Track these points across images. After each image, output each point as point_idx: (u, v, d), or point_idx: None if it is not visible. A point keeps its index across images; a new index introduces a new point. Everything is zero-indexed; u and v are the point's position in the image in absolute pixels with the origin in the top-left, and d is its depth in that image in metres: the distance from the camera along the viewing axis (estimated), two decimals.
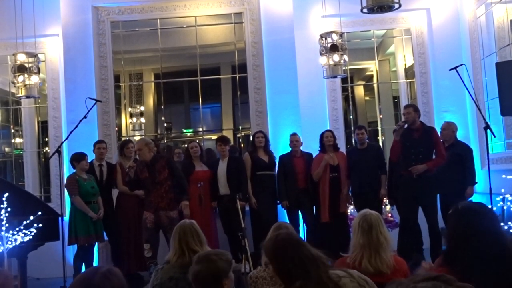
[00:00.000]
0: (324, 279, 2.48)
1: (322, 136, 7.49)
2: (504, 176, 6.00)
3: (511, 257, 2.35)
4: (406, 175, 6.61)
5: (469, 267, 2.31)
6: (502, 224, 2.70)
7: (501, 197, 6.07)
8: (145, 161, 6.65)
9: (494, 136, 6.78)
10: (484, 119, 6.72)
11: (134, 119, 10.38)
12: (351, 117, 9.23)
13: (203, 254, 2.95)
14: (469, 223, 2.43)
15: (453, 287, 1.00)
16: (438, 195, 6.89)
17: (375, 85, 9.60)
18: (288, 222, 6.94)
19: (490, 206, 2.60)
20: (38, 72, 7.69)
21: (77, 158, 6.96)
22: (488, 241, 2.35)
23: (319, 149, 7.49)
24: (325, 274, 2.50)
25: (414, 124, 6.64)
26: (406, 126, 6.66)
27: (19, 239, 5.81)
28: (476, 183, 7.18)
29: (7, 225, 5.59)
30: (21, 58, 7.57)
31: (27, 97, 7.76)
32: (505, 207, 5.99)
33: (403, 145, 6.56)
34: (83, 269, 6.62)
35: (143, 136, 8.80)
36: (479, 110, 6.88)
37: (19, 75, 7.49)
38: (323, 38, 7.68)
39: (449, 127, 7.30)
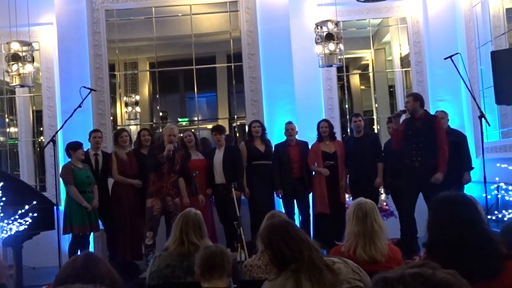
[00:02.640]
0: (317, 262, 2.52)
1: (318, 125, 7.51)
2: (498, 164, 6.02)
3: (492, 244, 2.37)
4: (410, 164, 6.61)
5: (451, 257, 2.33)
6: (484, 212, 2.71)
7: (495, 185, 6.09)
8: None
9: (489, 125, 6.79)
10: (479, 108, 6.73)
11: (130, 108, 10.35)
12: (347, 106, 9.24)
13: (207, 244, 3.27)
14: (448, 213, 2.45)
15: (439, 271, 1.03)
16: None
17: (371, 74, 9.60)
18: (283, 211, 6.97)
19: (470, 196, 2.61)
20: (32, 61, 7.65)
21: (73, 147, 6.94)
22: (466, 229, 2.37)
23: (317, 137, 7.51)
24: (318, 258, 2.54)
25: (416, 113, 6.61)
26: (406, 114, 6.63)
27: (14, 228, 5.80)
28: (472, 168, 7.20)
29: (2, 214, 5.58)
30: (15, 46, 7.52)
31: (22, 86, 7.72)
32: (499, 196, 6.02)
33: (406, 134, 6.55)
34: None
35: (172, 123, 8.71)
36: (474, 99, 6.88)
37: (13, 64, 7.45)
38: (319, 27, 7.67)
39: (446, 116, 7.32)
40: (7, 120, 9.09)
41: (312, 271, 2.50)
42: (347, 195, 7.49)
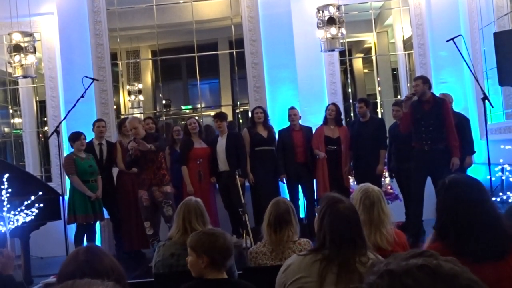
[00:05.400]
0: (353, 263, 2.50)
1: (326, 108, 7.51)
2: (502, 146, 6.00)
3: (501, 226, 2.38)
4: (418, 147, 6.59)
5: (461, 239, 2.34)
6: (490, 194, 2.72)
7: (499, 167, 6.08)
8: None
9: (492, 107, 6.77)
10: (482, 89, 6.70)
11: (133, 97, 10.35)
12: (350, 90, 9.20)
13: (209, 230, 3.07)
14: (457, 195, 2.45)
15: (442, 261, 1.01)
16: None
17: (374, 58, 9.55)
18: (287, 196, 7.00)
19: (477, 178, 2.61)
20: (34, 51, 7.64)
21: (73, 138, 6.93)
22: (477, 211, 2.38)
23: (323, 120, 7.51)
24: (358, 259, 2.52)
25: (424, 96, 6.56)
26: (415, 98, 6.60)
27: (21, 219, 5.84)
28: (474, 152, 7.18)
29: (8, 205, 5.62)
30: (17, 37, 7.52)
31: (24, 77, 7.74)
32: (503, 177, 6.01)
33: (414, 117, 6.53)
34: None
35: (135, 115, 8.72)
36: (477, 80, 6.85)
37: (15, 55, 7.46)
38: (320, 11, 7.62)
39: (449, 98, 7.29)
40: (11, 111, 9.11)
41: (344, 269, 2.48)
42: (351, 179, 7.49)
